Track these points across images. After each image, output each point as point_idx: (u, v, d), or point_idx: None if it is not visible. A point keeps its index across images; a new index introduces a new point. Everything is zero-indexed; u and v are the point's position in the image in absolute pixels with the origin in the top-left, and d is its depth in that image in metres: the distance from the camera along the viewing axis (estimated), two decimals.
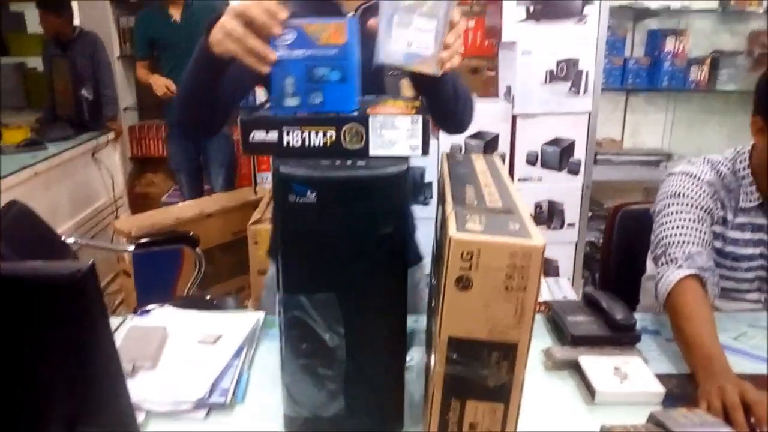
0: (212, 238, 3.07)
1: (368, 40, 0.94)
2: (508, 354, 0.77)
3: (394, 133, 0.86)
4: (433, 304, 0.96)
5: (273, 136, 0.86)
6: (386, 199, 0.84)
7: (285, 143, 0.86)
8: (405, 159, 0.86)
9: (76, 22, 3.79)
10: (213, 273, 3.02)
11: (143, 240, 2.28)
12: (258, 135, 0.86)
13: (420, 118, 0.86)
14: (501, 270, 0.73)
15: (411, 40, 0.91)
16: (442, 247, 0.80)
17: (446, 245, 0.73)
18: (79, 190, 3.48)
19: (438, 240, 0.97)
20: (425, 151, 0.87)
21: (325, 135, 0.86)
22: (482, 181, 0.95)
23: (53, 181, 3.18)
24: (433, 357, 0.85)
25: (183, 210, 3.09)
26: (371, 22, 0.95)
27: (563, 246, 2.89)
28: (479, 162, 1.08)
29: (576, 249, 2.92)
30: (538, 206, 2.83)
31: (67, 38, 3.65)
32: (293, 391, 0.92)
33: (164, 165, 3.97)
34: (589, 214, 2.96)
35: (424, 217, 1.44)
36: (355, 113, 0.89)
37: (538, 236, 0.74)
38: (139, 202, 4.12)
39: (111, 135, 3.82)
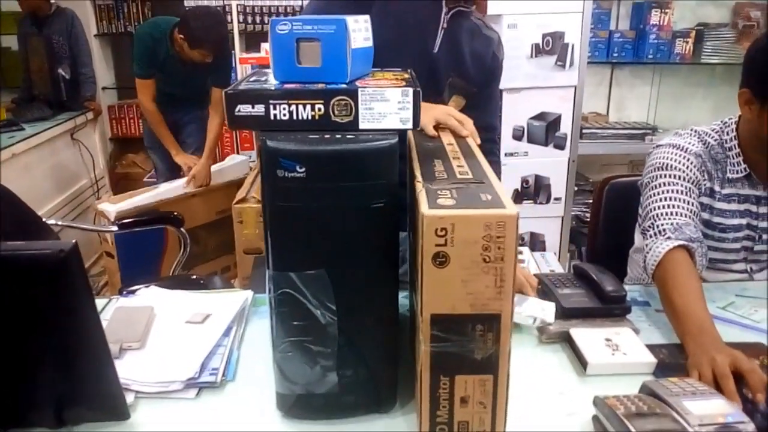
0: (196, 217, 3.04)
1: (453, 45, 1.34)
2: (492, 325, 0.77)
3: (384, 106, 0.84)
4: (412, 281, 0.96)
5: (259, 109, 0.84)
6: (377, 172, 0.82)
7: (272, 117, 0.84)
8: (395, 132, 0.85)
9: None
10: (198, 253, 2.99)
11: (127, 220, 2.25)
12: (244, 109, 0.84)
13: (411, 90, 0.84)
14: (477, 242, 0.72)
15: None
16: (415, 226, 0.79)
17: (419, 223, 0.72)
18: (59, 172, 3.42)
19: (410, 217, 0.95)
20: (416, 124, 0.86)
21: (313, 108, 0.84)
22: (451, 154, 0.94)
23: (32, 162, 3.12)
24: (418, 334, 0.85)
25: (165, 190, 3.04)
26: None
27: (550, 220, 2.90)
28: (446, 136, 1.07)
29: (562, 223, 2.94)
30: (524, 181, 2.83)
31: (44, 14, 3.55)
32: (285, 369, 0.91)
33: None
34: (575, 189, 2.96)
35: None
36: (344, 85, 0.87)
37: (511, 204, 0.73)
38: (121, 183, 4.06)
39: (90, 115, 3.75)
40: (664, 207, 1.34)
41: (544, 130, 2.77)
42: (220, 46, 2.85)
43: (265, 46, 3.38)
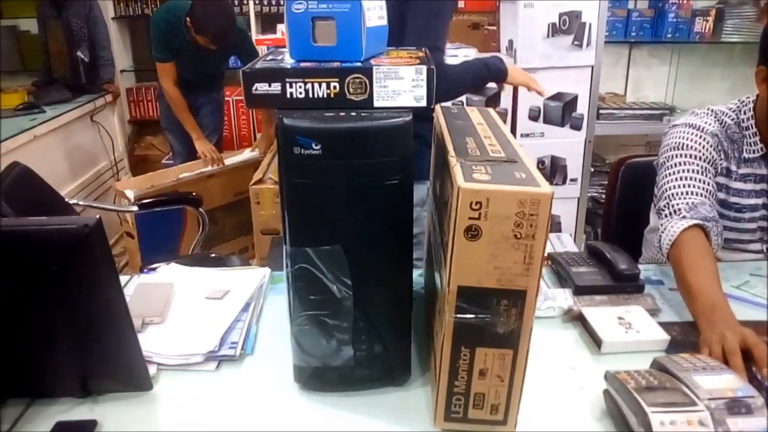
0: (214, 198, 3.08)
1: None
2: (517, 301, 0.78)
3: (399, 84, 0.85)
4: (433, 257, 0.97)
5: (276, 88, 0.85)
6: (391, 149, 0.83)
7: (288, 95, 0.85)
8: (409, 109, 0.86)
9: None
10: (216, 233, 3.03)
11: (146, 201, 2.28)
12: (261, 87, 0.85)
13: (425, 68, 0.85)
14: (510, 218, 0.73)
15: None
16: (447, 199, 0.80)
17: (454, 195, 0.73)
18: (79, 154, 3.47)
19: (438, 195, 0.97)
20: (430, 101, 0.86)
21: (328, 86, 0.85)
22: (481, 133, 0.95)
23: (52, 144, 3.16)
24: (439, 307, 0.86)
25: (183, 171, 3.09)
26: None
27: (566, 202, 2.89)
28: (475, 114, 1.08)
29: (578, 204, 2.92)
30: (540, 162, 2.82)
31: None
32: (302, 342, 0.94)
33: None
34: (592, 170, 2.95)
35: None
36: (359, 64, 0.88)
37: (546, 184, 0.74)
38: (140, 165, 4.11)
39: (108, 97, 3.79)
40: (679, 186, 1.34)
41: (561, 111, 2.75)
42: (221, 38, 2.90)
43: (281, 28, 3.39)
